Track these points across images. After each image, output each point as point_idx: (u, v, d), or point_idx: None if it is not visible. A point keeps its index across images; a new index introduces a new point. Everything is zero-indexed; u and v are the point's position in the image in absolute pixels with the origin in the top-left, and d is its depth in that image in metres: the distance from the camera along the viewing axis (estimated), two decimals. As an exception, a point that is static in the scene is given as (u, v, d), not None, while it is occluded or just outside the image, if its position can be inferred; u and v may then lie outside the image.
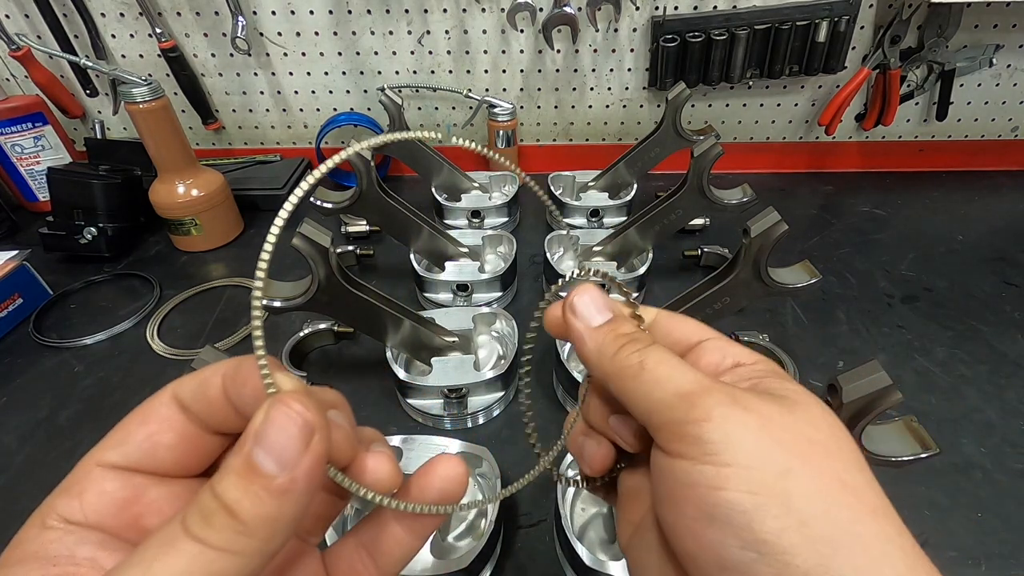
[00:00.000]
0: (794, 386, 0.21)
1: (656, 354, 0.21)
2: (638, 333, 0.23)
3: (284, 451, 0.15)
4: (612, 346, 0.22)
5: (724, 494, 0.17)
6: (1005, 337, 0.62)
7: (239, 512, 0.15)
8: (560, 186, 0.84)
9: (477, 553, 0.39)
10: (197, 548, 0.14)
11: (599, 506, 0.46)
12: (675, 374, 0.20)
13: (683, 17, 0.81)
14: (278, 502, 0.15)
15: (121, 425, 0.19)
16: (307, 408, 0.16)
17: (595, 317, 0.23)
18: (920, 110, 0.91)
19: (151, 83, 0.68)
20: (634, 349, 0.21)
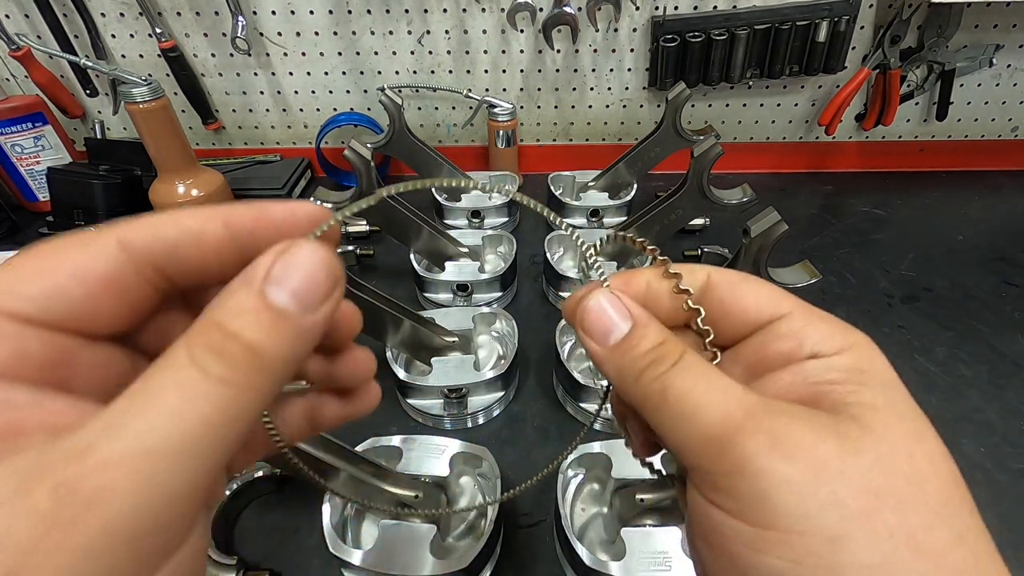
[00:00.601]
0: (876, 395, 0.16)
1: (681, 379, 0.17)
2: (664, 348, 0.18)
3: (309, 294, 0.15)
4: (632, 370, 0.18)
5: (763, 558, 0.15)
6: (1005, 337, 0.62)
7: (262, 350, 0.14)
8: (560, 186, 0.84)
9: (477, 553, 0.39)
10: (211, 383, 0.13)
11: (599, 506, 0.46)
12: (702, 406, 0.16)
13: (683, 17, 0.81)
14: (299, 343, 0.14)
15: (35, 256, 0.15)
16: (334, 257, 0.15)
17: (611, 333, 0.19)
18: (920, 110, 0.91)
19: (151, 83, 0.68)
20: (656, 373, 0.17)
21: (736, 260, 0.51)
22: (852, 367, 0.17)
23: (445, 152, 0.83)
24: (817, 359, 0.18)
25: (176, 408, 0.13)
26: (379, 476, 0.42)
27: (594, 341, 0.19)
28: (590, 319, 0.19)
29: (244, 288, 0.14)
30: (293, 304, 0.14)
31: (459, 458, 0.46)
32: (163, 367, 0.13)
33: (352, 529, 0.45)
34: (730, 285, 0.20)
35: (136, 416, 0.12)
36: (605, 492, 0.46)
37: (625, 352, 0.18)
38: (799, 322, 0.18)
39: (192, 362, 0.13)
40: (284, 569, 0.43)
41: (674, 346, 0.18)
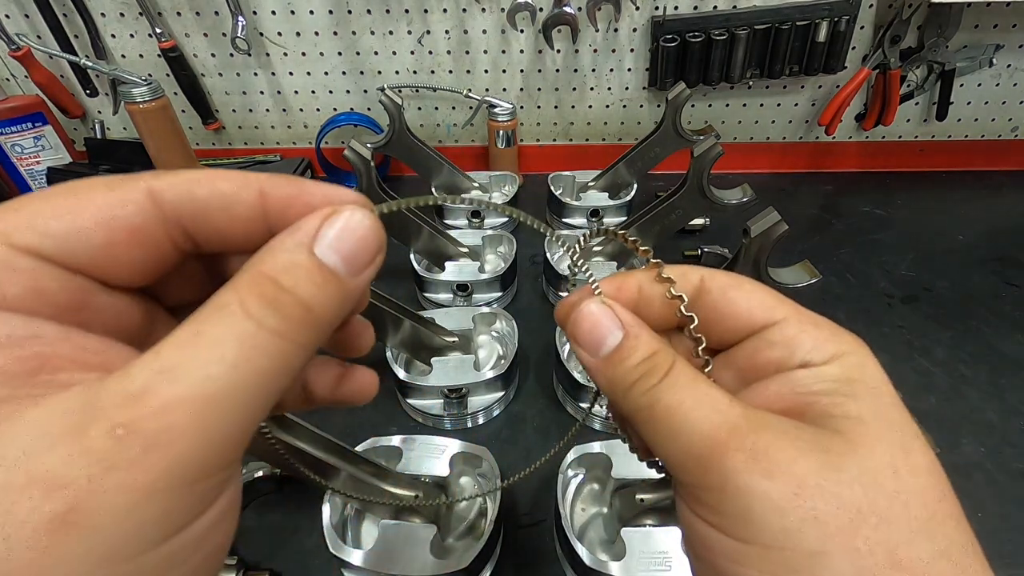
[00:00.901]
0: (863, 406, 0.16)
1: (670, 393, 0.17)
2: (654, 360, 0.18)
3: (357, 258, 0.15)
4: (623, 382, 0.18)
5: (745, 571, 0.15)
6: (1005, 337, 0.62)
7: (314, 307, 0.14)
8: (560, 186, 0.84)
9: (477, 553, 0.39)
10: (266, 335, 0.13)
11: (599, 506, 0.46)
12: (688, 422, 0.16)
13: (683, 17, 0.81)
14: (343, 304, 0.15)
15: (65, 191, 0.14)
16: (380, 225, 0.16)
17: (602, 344, 0.18)
18: (920, 110, 0.91)
19: (151, 83, 0.68)
20: (646, 387, 0.17)
21: (736, 260, 0.51)
22: (841, 377, 0.17)
23: (445, 152, 0.83)
24: (807, 368, 0.18)
25: (234, 357, 0.13)
26: (379, 476, 0.42)
27: (586, 352, 0.19)
28: (582, 330, 0.19)
29: (296, 245, 0.14)
30: (342, 265, 0.15)
31: (459, 458, 0.46)
32: (215, 315, 0.13)
33: (352, 529, 0.45)
34: (723, 289, 0.19)
35: (194, 362, 0.12)
36: (605, 492, 0.46)
37: (616, 364, 0.18)
38: (792, 329, 0.18)
39: (247, 313, 0.13)
40: (284, 569, 0.43)
41: (664, 357, 0.18)
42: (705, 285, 0.20)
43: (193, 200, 0.15)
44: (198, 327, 0.13)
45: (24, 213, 0.14)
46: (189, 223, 0.16)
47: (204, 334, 0.13)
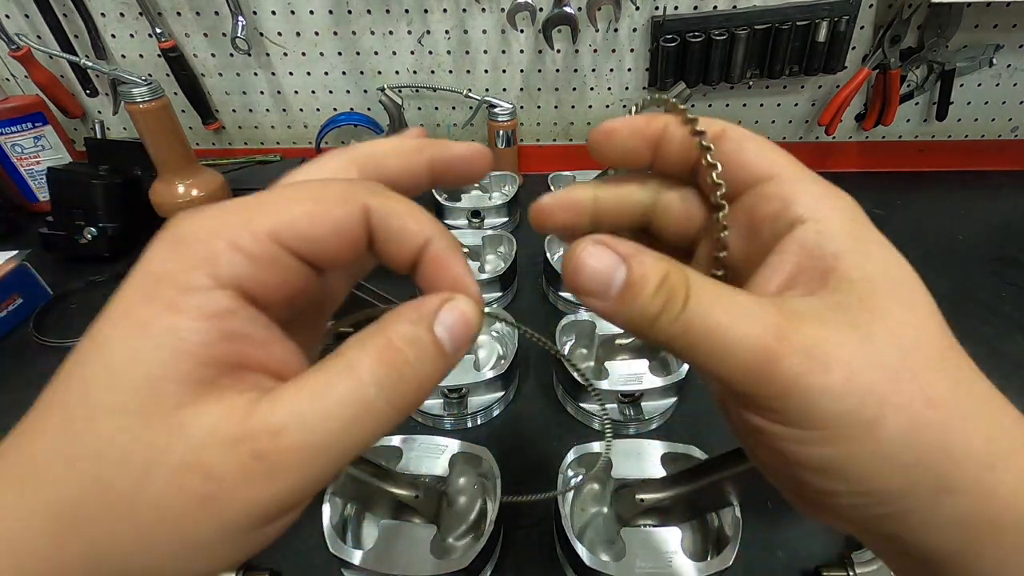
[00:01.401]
0: (873, 262, 0.18)
1: (700, 316, 0.17)
2: (668, 286, 0.17)
3: (460, 339, 0.18)
4: (645, 318, 0.17)
5: (811, 450, 0.16)
6: (1005, 337, 0.62)
7: (425, 379, 0.17)
8: (560, 186, 0.84)
9: (477, 553, 0.39)
10: (382, 405, 0.16)
11: (599, 506, 0.46)
12: (731, 340, 0.16)
13: (683, 17, 0.81)
14: (441, 375, 0.17)
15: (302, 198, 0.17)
16: (482, 315, 0.19)
17: (608, 286, 0.18)
18: (920, 110, 0.91)
19: (151, 83, 0.68)
20: (672, 317, 0.17)
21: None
22: (844, 232, 0.18)
23: (445, 152, 0.83)
24: (804, 224, 0.18)
25: (350, 419, 0.15)
26: (379, 476, 0.42)
27: (596, 299, 0.18)
28: (582, 279, 0.18)
29: (420, 319, 0.17)
30: (449, 344, 0.17)
31: (459, 458, 0.46)
32: (345, 373, 0.16)
33: (352, 529, 0.45)
34: (739, 140, 0.20)
35: (318, 415, 0.15)
36: (605, 492, 0.46)
37: (630, 302, 0.17)
38: (788, 184, 0.19)
39: (372, 380, 0.16)
40: (284, 569, 0.43)
41: (678, 278, 0.17)
42: (726, 134, 0.20)
43: (387, 228, 0.18)
44: (328, 379, 0.16)
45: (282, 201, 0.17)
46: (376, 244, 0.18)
47: (333, 389, 0.15)
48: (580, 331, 0.60)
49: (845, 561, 0.41)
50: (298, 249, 0.16)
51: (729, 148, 0.20)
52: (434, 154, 0.21)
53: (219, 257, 0.15)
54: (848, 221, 0.19)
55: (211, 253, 0.15)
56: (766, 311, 0.17)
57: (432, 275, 0.19)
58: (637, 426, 0.53)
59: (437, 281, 0.19)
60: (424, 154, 0.21)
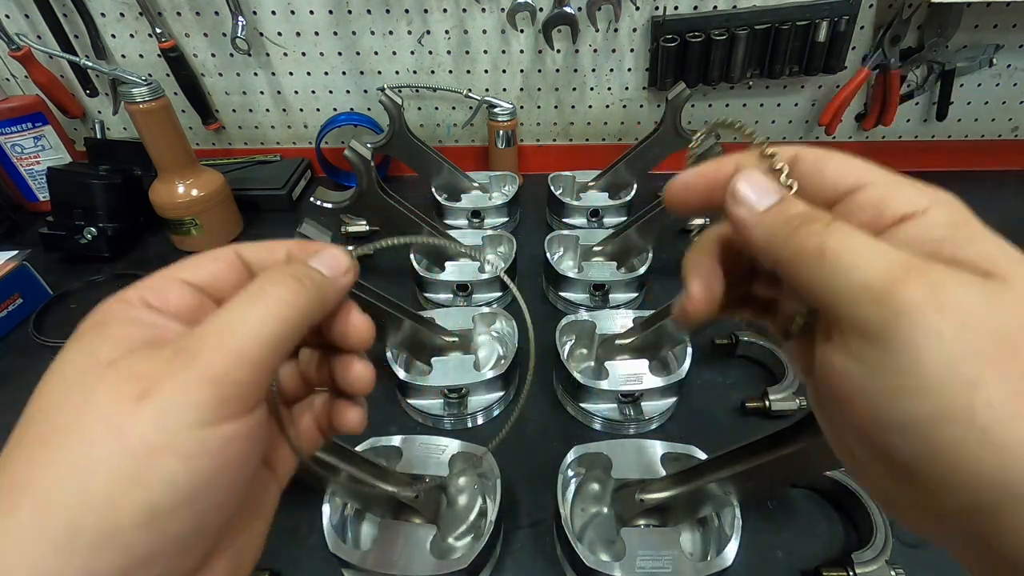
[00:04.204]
0: (989, 245, 0.17)
1: (839, 235, 0.18)
2: (815, 212, 0.19)
3: (335, 267, 0.23)
4: (785, 228, 0.19)
5: (901, 403, 0.16)
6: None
7: (303, 279, 0.21)
8: (560, 186, 0.84)
9: (477, 553, 0.39)
10: (274, 299, 0.20)
11: (599, 506, 0.46)
12: (862, 260, 0.17)
13: (683, 17, 0.81)
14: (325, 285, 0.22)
15: (195, 257, 0.23)
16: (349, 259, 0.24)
17: (761, 201, 0.20)
18: (920, 110, 0.91)
19: (151, 83, 0.68)
20: (812, 230, 0.18)
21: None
22: (951, 221, 0.18)
23: (445, 152, 0.83)
24: (911, 220, 0.18)
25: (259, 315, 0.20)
26: (379, 476, 0.42)
27: (743, 207, 0.20)
28: (741, 188, 0.20)
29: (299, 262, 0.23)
30: (324, 269, 0.23)
31: (459, 458, 0.46)
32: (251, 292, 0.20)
33: (352, 529, 0.45)
34: (815, 160, 0.21)
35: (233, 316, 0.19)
36: (605, 492, 0.46)
37: (778, 214, 0.20)
38: (880, 189, 0.19)
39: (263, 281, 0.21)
40: (284, 569, 0.43)
41: (824, 213, 0.19)
42: (800, 156, 0.21)
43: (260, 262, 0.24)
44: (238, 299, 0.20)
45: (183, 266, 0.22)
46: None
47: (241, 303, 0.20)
48: (580, 331, 0.60)
49: (845, 561, 0.41)
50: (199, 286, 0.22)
51: (807, 168, 0.21)
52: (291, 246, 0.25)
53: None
54: (956, 213, 0.18)
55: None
56: (902, 254, 0.17)
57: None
58: (637, 426, 0.53)
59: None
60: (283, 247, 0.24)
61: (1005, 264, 0.16)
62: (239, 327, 0.19)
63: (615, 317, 0.59)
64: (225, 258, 0.23)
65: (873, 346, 0.16)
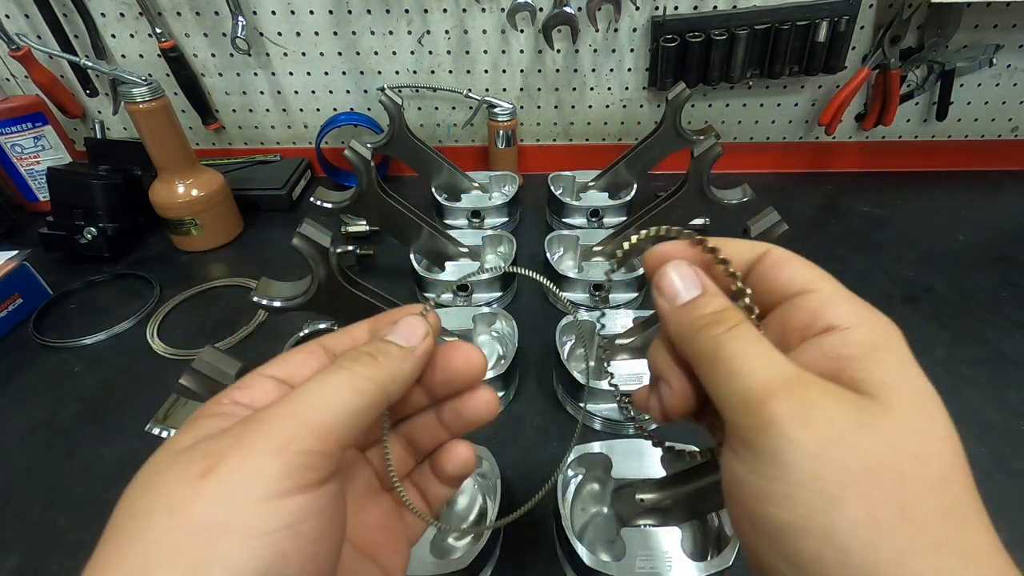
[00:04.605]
0: (890, 373, 0.18)
1: (734, 341, 0.19)
2: (723, 314, 0.20)
3: (411, 337, 0.24)
4: (691, 328, 0.21)
5: (769, 509, 0.17)
6: (1005, 337, 0.62)
7: (376, 356, 0.22)
8: (560, 186, 0.84)
9: (477, 553, 0.39)
10: (348, 373, 0.21)
11: (599, 506, 0.46)
12: (746, 368, 0.18)
13: (683, 17, 0.81)
14: (402, 358, 0.23)
15: (282, 356, 0.24)
16: (426, 325, 0.24)
17: (679, 295, 0.22)
18: (920, 110, 0.91)
19: (151, 83, 0.68)
20: (711, 334, 0.20)
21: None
22: (867, 343, 0.19)
23: (445, 152, 0.83)
24: (834, 332, 0.19)
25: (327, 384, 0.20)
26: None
27: (665, 299, 0.22)
28: (664, 281, 0.22)
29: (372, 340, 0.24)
30: (399, 339, 0.23)
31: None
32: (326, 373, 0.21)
33: (352, 529, 0.45)
34: (776, 261, 0.22)
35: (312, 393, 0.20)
36: (605, 492, 0.46)
37: (689, 312, 0.21)
38: (819, 299, 0.20)
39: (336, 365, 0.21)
40: (284, 569, 0.43)
41: (734, 314, 0.20)
42: (770, 254, 0.22)
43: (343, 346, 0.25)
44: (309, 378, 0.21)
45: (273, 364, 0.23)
46: None
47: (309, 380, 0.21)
48: (580, 331, 0.60)
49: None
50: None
51: (767, 268, 0.22)
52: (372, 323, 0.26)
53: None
54: (873, 335, 0.19)
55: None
56: (788, 367, 0.18)
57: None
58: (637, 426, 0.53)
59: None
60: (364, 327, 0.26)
61: (897, 393, 0.17)
62: (308, 398, 0.19)
63: (615, 317, 0.59)
64: (308, 349, 0.24)
65: (749, 451, 0.18)
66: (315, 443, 0.18)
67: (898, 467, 0.16)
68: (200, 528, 0.16)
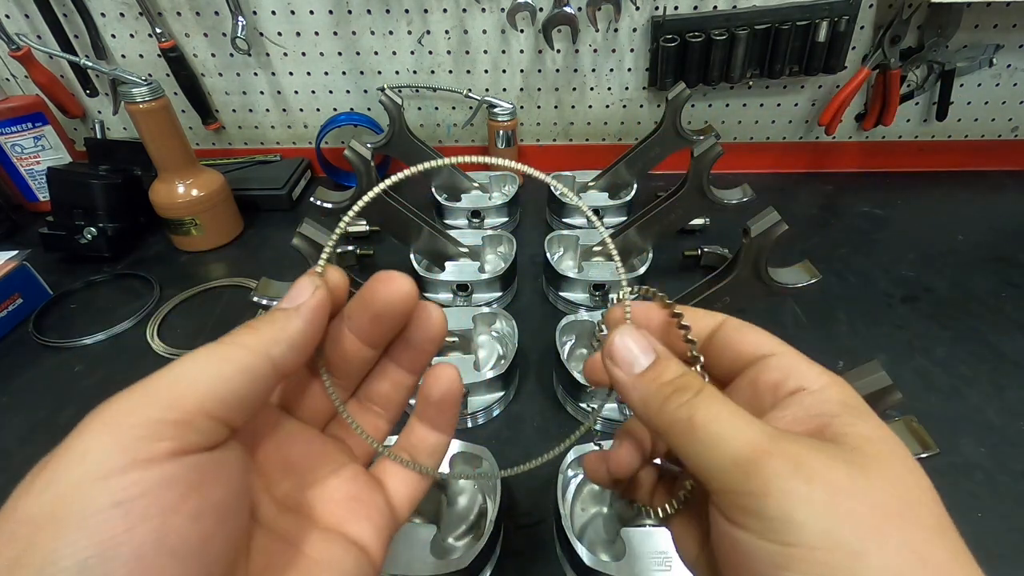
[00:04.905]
0: (869, 427, 0.18)
1: (706, 407, 0.19)
2: (685, 378, 0.20)
3: (297, 297, 0.22)
4: (657, 398, 0.20)
5: (788, 573, 0.16)
6: (1005, 337, 0.62)
7: (255, 325, 0.20)
8: (560, 187, 0.83)
9: (477, 553, 0.39)
10: (215, 344, 0.19)
11: (599, 506, 0.46)
12: (728, 433, 0.18)
13: (683, 17, 0.81)
14: (284, 319, 0.21)
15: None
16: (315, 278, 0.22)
17: (636, 362, 0.21)
18: (920, 110, 0.91)
19: (151, 83, 0.68)
20: (681, 401, 0.19)
21: (736, 260, 0.51)
22: (841, 401, 0.19)
23: (445, 152, 0.83)
24: (808, 392, 0.20)
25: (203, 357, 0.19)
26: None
27: (621, 370, 0.22)
28: (617, 350, 0.22)
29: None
30: (285, 303, 0.22)
31: (459, 458, 0.46)
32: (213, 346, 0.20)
33: (352, 529, 0.45)
34: (739, 329, 0.23)
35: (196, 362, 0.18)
36: (605, 492, 0.46)
37: (651, 381, 0.21)
38: (787, 360, 0.21)
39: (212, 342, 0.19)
40: (284, 569, 0.43)
41: (694, 378, 0.20)
42: (728, 323, 0.23)
43: None
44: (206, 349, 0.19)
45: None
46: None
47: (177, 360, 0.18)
48: (580, 331, 0.60)
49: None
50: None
51: (730, 334, 0.23)
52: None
53: None
54: (844, 395, 0.20)
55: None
56: (765, 426, 0.18)
57: None
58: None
59: None
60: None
61: (878, 445, 0.18)
62: (161, 372, 0.17)
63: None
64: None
65: (755, 518, 0.17)
66: (160, 412, 0.16)
67: (902, 513, 0.16)
68: (21, 523, 0.14)
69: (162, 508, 0.15)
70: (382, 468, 0.26)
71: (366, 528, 0.22)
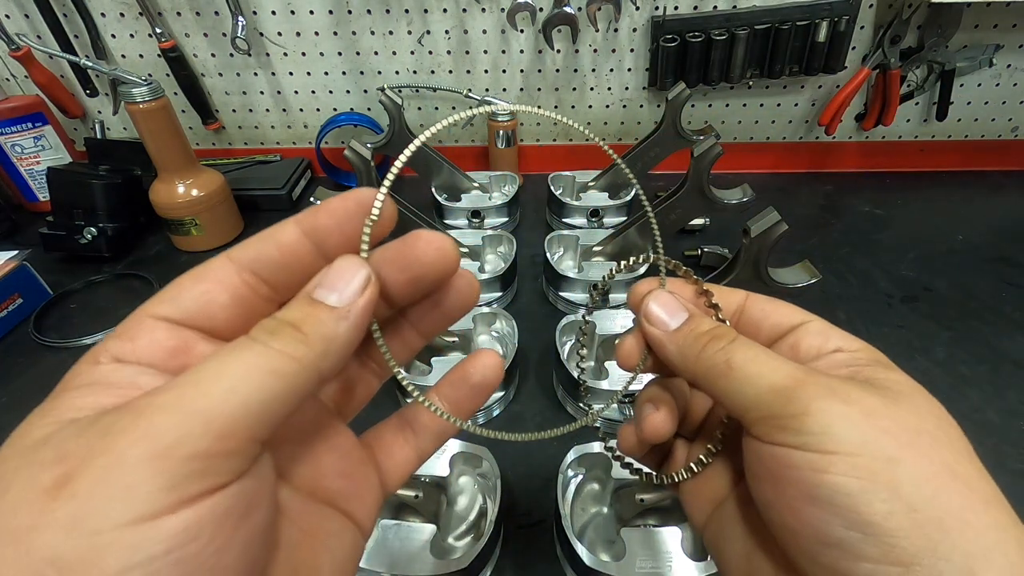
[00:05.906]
0: (899, 376, 0.20)
1: (742, 349, 0.21)
2: (720, 328, 0.22)
3: (346, 290, 0.18)
4: (695, 347, 0.22)
5: (829, 477, 0.17)
6: (1005, 337, 0.62)
7: (301, 326, 0.17)
8: (560, 186, 0.84)
9: (477, 553, 0.39)
10: (262, 348, 0.16)
11: (599, 506, 0.46)
12: (765, 369, 0.20)
13: (683, 17, 0.81)
14: (335, 324, 0.17)
15: (175, 282, 0.18)
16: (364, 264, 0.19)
17: (671, 320, 0.23)
18: (920, 110, 0.91)
19: (151, 83, 0.68)
20: (718, 347, 0.21)
21: (736, 260, 0.51)
22: (872, 358, 0.21)
23: (445, 152, 0.83)
24: (842, 352, 0.22)
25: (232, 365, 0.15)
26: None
27: (656, 327, 0.23)
28: (652, 311, 0.24)
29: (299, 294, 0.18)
30: (332, 297, 0.18)
31: (459, 458, 0.46)
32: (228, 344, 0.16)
33: (352, 529, 0.45)
34: (767, 302, 0.24)
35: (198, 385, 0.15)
36: (605, 492, 0.46)
37: (686, 334, 0.23)
38: (823, 326, 0.23)
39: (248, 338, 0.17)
40: (284, 569, 0.43)
41: (728, 329, 0.22)
42: (750, 302, 0.25)
43: (256, 251, 0.19)
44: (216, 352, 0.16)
45: (165, 293, 0.19)
46: (259, 268, 0.19)
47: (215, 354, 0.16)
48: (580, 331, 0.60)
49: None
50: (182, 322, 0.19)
51: (760, 307, 0.24)
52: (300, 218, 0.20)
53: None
54: (876, 355, 0.22)
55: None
56: (801, 366, 0.20)
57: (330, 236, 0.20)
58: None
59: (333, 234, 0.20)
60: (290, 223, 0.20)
61: (908, 388, 0.20)
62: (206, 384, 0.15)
63: (615, 317, 0.59)
64: (213, 268, 0.18)
65: (795, 434, 0.18)
66: (212, 443, 0.14)
67: (933, 433, 0.18)
68: (44, 564, 0.12)
69: (216, 549, 0.14)
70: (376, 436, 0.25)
71: (366, 503, 0.22)
